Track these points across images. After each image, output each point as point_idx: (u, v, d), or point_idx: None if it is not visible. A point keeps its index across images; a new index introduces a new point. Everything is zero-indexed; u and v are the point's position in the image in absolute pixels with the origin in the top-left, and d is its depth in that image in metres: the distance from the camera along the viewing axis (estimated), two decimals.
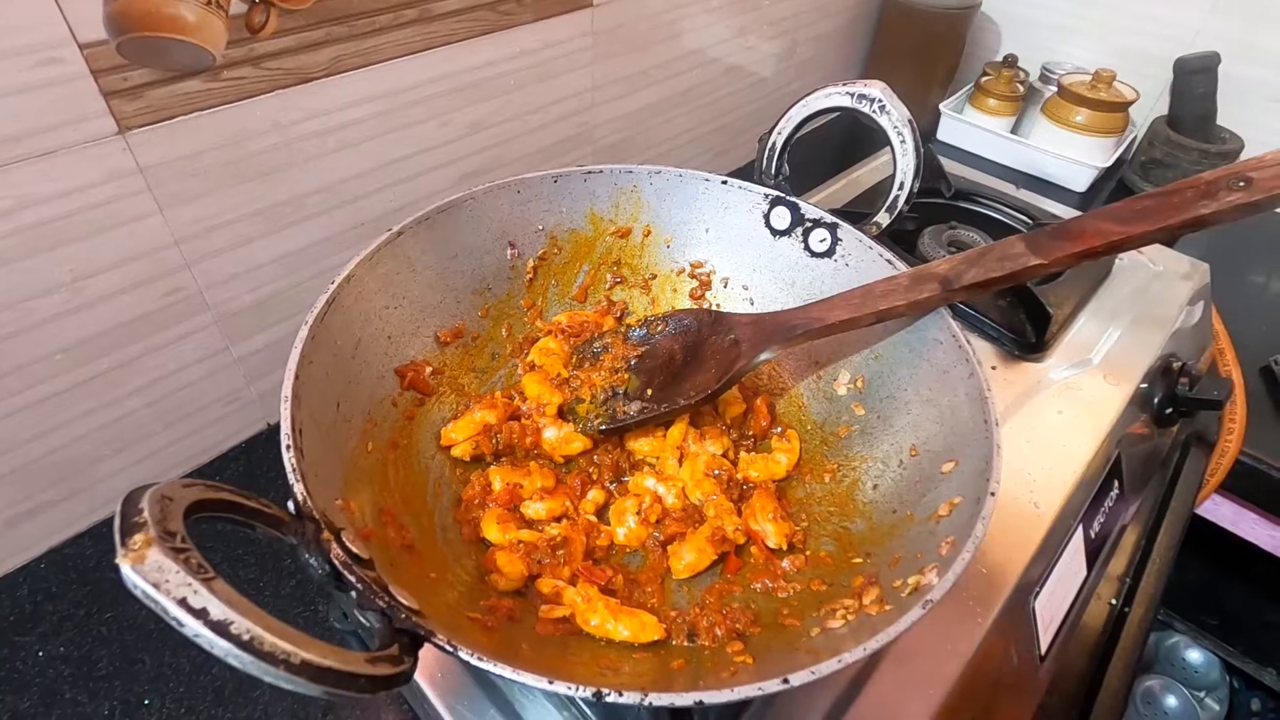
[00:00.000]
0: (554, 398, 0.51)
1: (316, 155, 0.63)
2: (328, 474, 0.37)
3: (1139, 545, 0.70)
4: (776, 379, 0.55)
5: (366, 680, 0.25)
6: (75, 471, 0.61)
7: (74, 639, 0.57)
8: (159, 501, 0.24)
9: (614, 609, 0.39)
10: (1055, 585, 0.53)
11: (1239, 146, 1.08)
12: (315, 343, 0.40)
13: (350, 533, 0.33)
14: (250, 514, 0.29)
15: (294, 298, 0.68)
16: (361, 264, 0.45)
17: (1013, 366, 0.64)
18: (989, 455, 0.37)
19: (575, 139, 0.86)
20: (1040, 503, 0.53)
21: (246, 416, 0.72)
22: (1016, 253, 0.44)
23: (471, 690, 0.44)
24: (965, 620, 0.46)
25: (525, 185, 0.53)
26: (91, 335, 0.56)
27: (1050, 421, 0.59)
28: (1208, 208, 0.39)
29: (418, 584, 0.37)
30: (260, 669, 0.22)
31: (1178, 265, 0.78)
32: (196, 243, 0.59)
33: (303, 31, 0.57)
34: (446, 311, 0.52)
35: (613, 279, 0.58)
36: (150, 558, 0.22)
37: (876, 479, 0.46)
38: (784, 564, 0.44)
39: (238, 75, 0.55)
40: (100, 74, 0.48)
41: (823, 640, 0.35)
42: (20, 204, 0.49)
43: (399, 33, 0.63)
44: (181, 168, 0.55)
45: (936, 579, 0.33)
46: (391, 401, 0.47)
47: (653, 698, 0.28)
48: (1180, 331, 0.71)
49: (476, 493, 0.46)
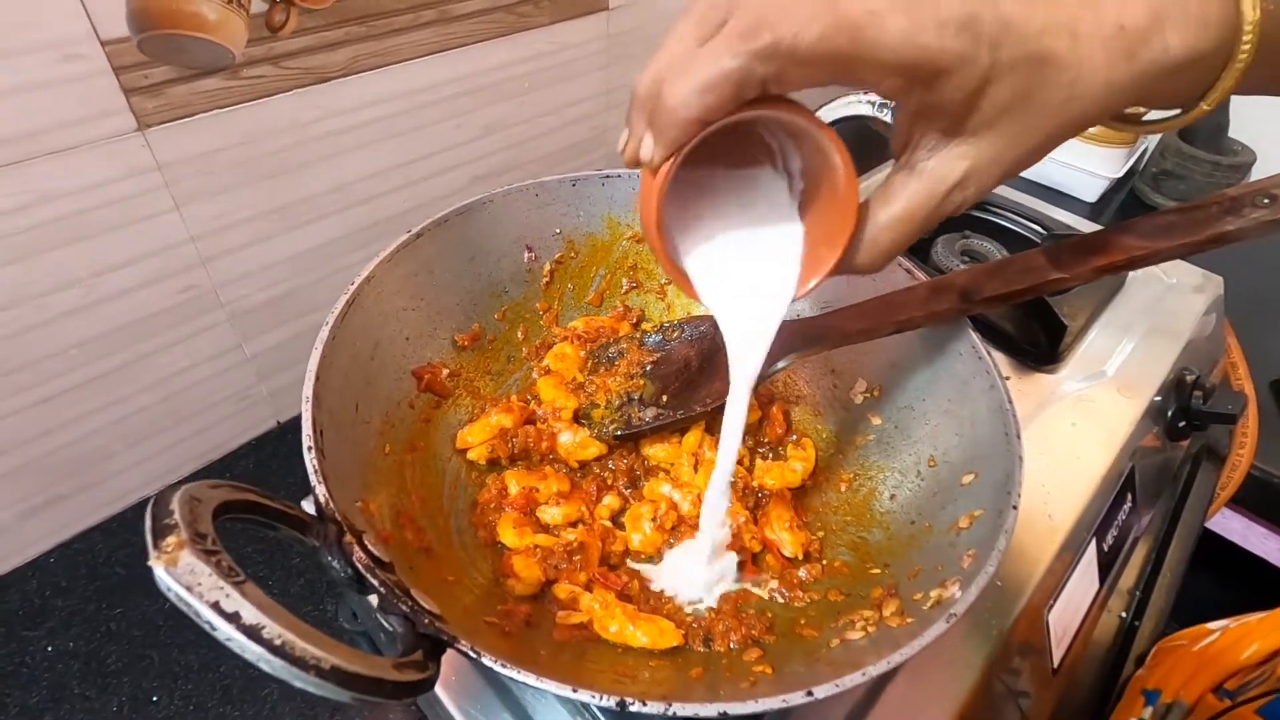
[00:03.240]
0: (569, 402, 0.51)
1: (332, 154, 0.63)
2: (347, 476, 0.37)
3: (1149, 558, 0.70)
4: (792, 387, 0.55)
5: (393, 686, 0.25)
6: (86, 467, 0.61)
7: (83, 634, 0.57)
8: (188, 503, 0.24)
9: (631, 615, 0.39)
10: (1069, 598, 0.53)
11: (1251, 159, 1.08)
12: (335, 343, 0.40)
13: (371, 535, 0.33)
14: (274, 516, 0.29)
15: (306, 296, 0.68)
16: (381, 265, 0.44)
17: (1026, 377, 0.64)
18: (1010, 468, 0.37)
19: (590, 142, 0.86)
20: (1054, 514, 0.53)
21: (257, 414, 0.72)
22: (1038, 266, 0.44)
23: (485, 693, 0.44)
24: (980, 632, 0.46)
25: (543, 188, 0.53)
26: (106, 331, 0.56)
27: (1064, 433, 0.59)
28: (1233, 224, 0.39)
29: (436, 588, 0.37)
30: (290, 674, 0.22)
31: (1191, 278, 0.78)
32: (211, 240, 0.59)
33: (322, 31, 0.57)
34: (463, 314, 0.52)
35: (629, 284, 0.58)
36: (183, 560, 0.22)
37: (894, 489, 0.46)
38: (800, 573, 0.44)
39: (257, 74, 0.55)
40: (121, 71, 0.48)
41: (843, 652, 0.35)
42: (39, 199, 0.49)
43: (417, 33, 0.63)
44: (199, 165, 0.55)
45: (959, 592, 0.33)
46: (409, 404, 0.47)
47: (676, 708, 0.28)
48: (1193, 344, 0.71)
49: (492, 496, 0.46)
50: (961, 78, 0.25)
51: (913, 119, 0.28)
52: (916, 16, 0.24)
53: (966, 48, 0.25)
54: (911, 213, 0.30)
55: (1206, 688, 0.56)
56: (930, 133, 0.28)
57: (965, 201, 0.29)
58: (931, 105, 0.26)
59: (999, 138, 0.27)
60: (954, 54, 0.25)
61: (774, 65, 0.25)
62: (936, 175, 0.28)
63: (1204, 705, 0.56)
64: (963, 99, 0.26)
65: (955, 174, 0.28)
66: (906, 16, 0.24)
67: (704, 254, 0.35)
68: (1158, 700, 0.57)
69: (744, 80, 0.25)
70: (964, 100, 0.26)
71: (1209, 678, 0.57)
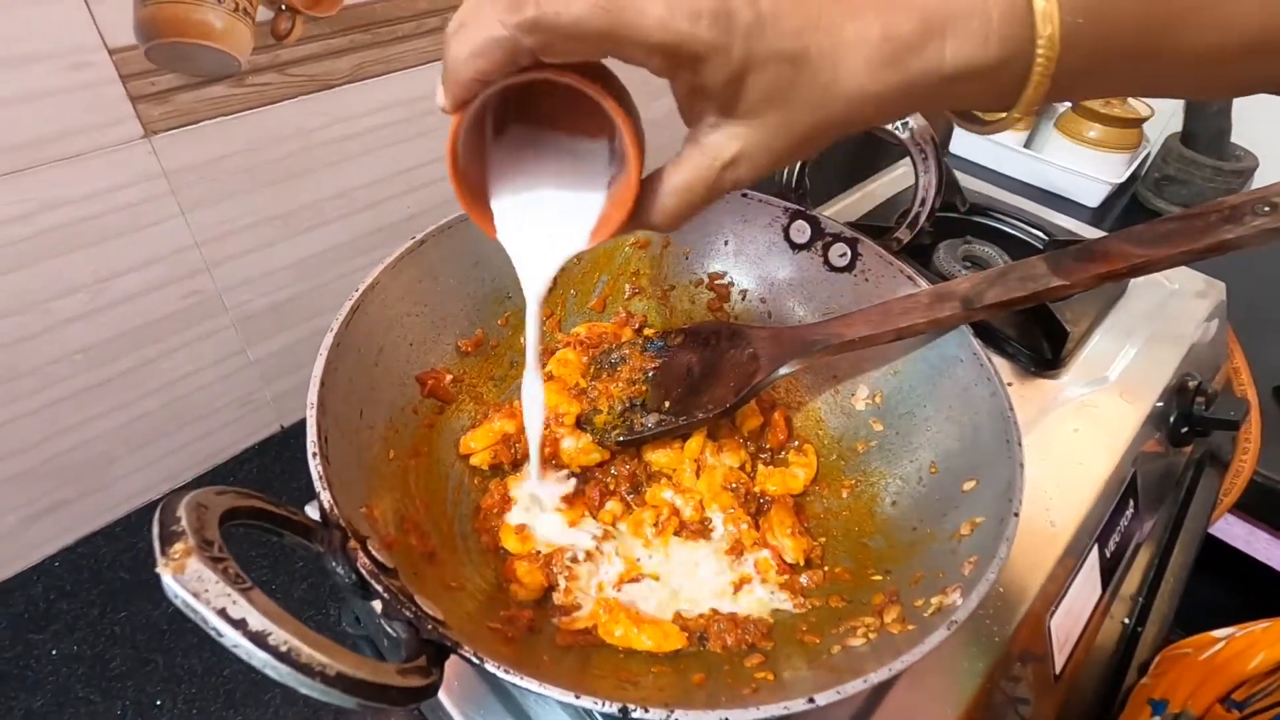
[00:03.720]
0: (572, 408, 0.51)
1: (337, 161, 0.63)
2: (351, 481, 0.37)
3: (1152, 564, 0.69)
4: (794, 393, 0.55)
5: (397, 692, 0.25)
6: (91, 471, 0.61)
7: (87, 638, 0.57)
8: (195, 509, 0.24)
9: (635, 619, 0.39)
10: (1071, 603, 0.53)
11: (1253, 164, 1.08)
12: (340, 349, 0.40)
13: (375, 541, 0.33)
14: (279, 522, 0.29)
15: (310, 302, 0.68)
16: (385, 271, 0.45)
17: (1029, 383, 0.64)
18: (1012, 475, 0.37)
19: None
20: (1057, 521, 0.53)
21: (260, 419, 0.72)
22: (1039, 273, 0.44)
23: (488, 699, 0.44)
24: (982, 638, 0.46)
25: None
26: (111, 336, 0.57)
27: (1066, 439, 0.59)
28: (1232, 232, 0.39)
29: (439, 593, 0.37)
30: (297, 680, 0.22)
31: (1193, 283, 0.78)
32: (216, 246, 0.59)
33: (327, 39, 0.57)
34: (467, 320, 0.52)
35: (631, 290, 0.58)
36: (190, 567, 0.22)
37: (895, 495, 0.46)
38: (802, 579, 0.44)
39: (262, 81, 0.55)
40: (128, 79, 0.49)
41: (844, 658, 0.35)
42: (45, 206, 0.49)
43: (421, 41, 0.63)
44: (204, 171, 0.56)
45: (960, 599, 0.33)
46: (413, 409, 0.47)
47: (679, 714, 0.28)
48: (1196, 350, 0.71)
49: (495, 502, 0.46)
50: (717, 64, 0.27)
51: (688, 96, 0.29)
52: (674, 5, 0.25)
53: (719, 38, 0.26)
54: (691, 183, 0.31)
55: (1214, 698, 0.56)
56: (708, 111, 0.29)
57: (740, 180, 0.31)
58: (698, 87, 0.28)
59: (765, 125, 0.29)
60: (705, 42, 0.26)
61: (539, 37, 0.26)
62: (712, 152, 0.30)
63: (1212, 716, 0.56)
64: (723, 84, 0.27)
65: (728, 153, 0.30)
66: (665, 4, 0.25)
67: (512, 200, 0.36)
68: (1165, 710, 0.57)
69: (512, 49, 0.26)
70: (725, 85, 0.27)
71: (1216, 688, 0.56)
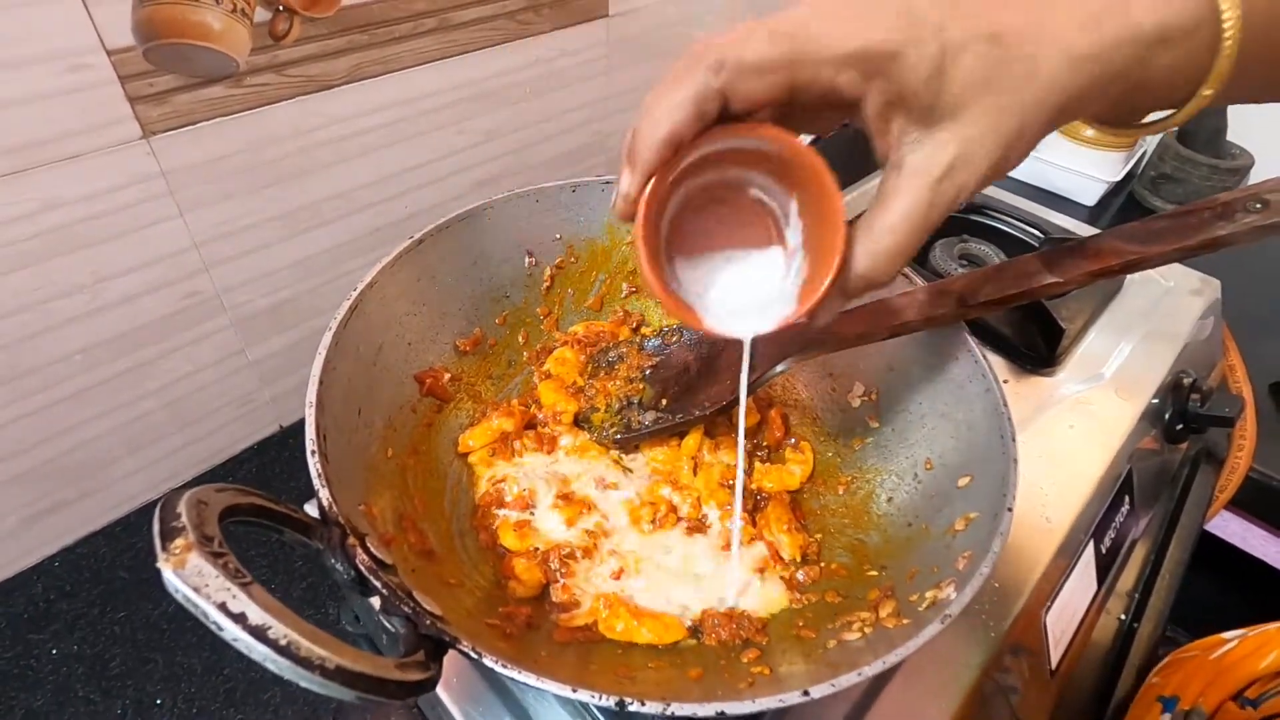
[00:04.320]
0: (569, 406, 0.51)
1: (335, 161, 0.64)
2: (350, 479, 0.37)
3: (1148, 560, 0.70)
4: (790, 390, 0.56)
5: (396, 685, 0.25)
6: (90, 472, 0.62)
7: (87, 638, 0.58)
8: (195, 506, 0.25)
9: (634, 613, 0.40)
10: (1066, 600, 0.53)
11: (1249, 163, 1.08)
12: (338, 348, 0.40)
13: (374, 538, 0.33)
14: (279, 519, 0.30)
15: (309, 302, 0.69)
16: (384, 270, 0.45)
17: (1024, 380, 0.64)
18: (1006, 471, 0.38)
19: (590, 147, 0.87)
20: (1052, 517, 0.53)
21: (259, 419, 0.72)
22: (1033, 271, 0.44)
23: (486, 695, 0.44)
24: (977, 633, 0.47)
25: (543, 194, 0.53)
26: (110, 337, 0.57)
27: (1062, 436, 0.59)
28: (1225, 229, 0.39)
29: (437, 590, 0.37)
30: (296, 673, 0.22)
31: (1188, 281, 0.78)
32: (215, 246, 0.59)
33: (324, 39, 0.58)
34: (465, 319, 0.52)
35: (629, 288, 0.59)
36: (190, 562, 0.22)
37: (891, 492, 0.46)
38: (799, 575, 0.44)
39: (260, 82, 0.56)
40: (127, 79, 0.49)
41: (839, 653, 0.36)
42: (45, 206, 0.49)
43: (418, 41, 0.64)
44: (203, 172, 0.56)
45: (954, 594, 0.33)
46: (411, 408, 0.47)
47: (675, 708, 0.28)
48: (1191, 347, 0.71)
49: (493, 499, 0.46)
50: (913, 59, 0.26)
51: (884, 113, 0.28)
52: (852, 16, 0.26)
53: (910, 30, 0.25)
54: (907, 212, 0.28)
55: (1226, 695, 0.56)
56: (908, 126, 0.28)
57: (962, 188, 0.28)
58: (895, 93, 0.27)
59: (975, 120, 0.27)
60: (898, 39, 0.25)
61: (724, 76, 0.26)
62: (923, 168, 0.28)
63: (1225, 713, 0.56)
64: (923, 81, 0.26)
65: (942, 162, 0.28)
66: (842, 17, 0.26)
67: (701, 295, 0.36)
68: (1175, 707, 0.57)
69: (701, 93, 0.27)
70: (925, 83, 0.26)
71: (1227, 686, 0.56)
